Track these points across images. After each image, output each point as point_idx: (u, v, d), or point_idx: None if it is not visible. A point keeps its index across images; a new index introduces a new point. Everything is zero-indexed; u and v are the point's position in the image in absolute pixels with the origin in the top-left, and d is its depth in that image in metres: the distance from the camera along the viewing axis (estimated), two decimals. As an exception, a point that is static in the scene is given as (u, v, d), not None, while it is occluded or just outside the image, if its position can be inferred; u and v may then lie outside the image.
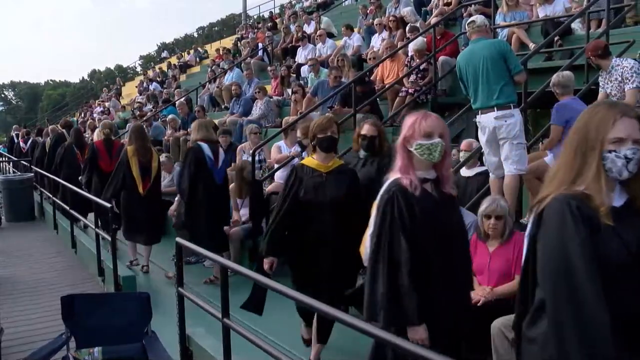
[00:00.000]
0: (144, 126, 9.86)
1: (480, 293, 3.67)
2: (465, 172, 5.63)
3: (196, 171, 6.04)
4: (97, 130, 9.07)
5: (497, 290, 3.66)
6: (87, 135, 12.49)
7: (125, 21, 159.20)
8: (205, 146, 6.16)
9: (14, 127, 21.62)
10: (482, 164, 5.49)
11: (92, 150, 8.06)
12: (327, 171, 3.90)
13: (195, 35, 65.87)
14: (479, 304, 3.59)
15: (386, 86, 8.49)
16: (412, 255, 2.46)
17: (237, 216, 6.72)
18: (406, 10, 10.49)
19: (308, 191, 3.82)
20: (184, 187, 6.11)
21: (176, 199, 7.36)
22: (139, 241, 6.83)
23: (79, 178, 8.20)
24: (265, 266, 3.82)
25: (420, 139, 2.56)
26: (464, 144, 5.87)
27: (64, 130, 11.47)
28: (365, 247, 2.68)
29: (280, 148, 7.25)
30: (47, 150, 11.18)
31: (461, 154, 5.86)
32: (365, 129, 4.38)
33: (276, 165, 7.08)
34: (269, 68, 12.63)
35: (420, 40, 8.40)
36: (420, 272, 2.47)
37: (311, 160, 3.99)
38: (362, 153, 4.35)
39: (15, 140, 17.65)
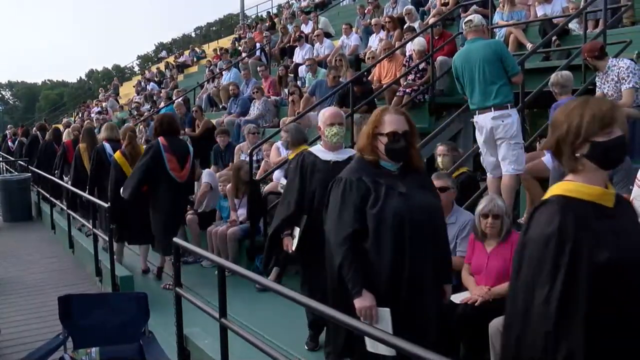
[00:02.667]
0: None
1: (478, 293, 3.67)
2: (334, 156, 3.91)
3: (98, 169, 7.05)
4: (66, 132, 10.72)
5: (495, 290, 3.66)
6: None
7: (123, 21, 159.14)
8: (107, 146, 7.06)
9: (8, 126, 21.87)
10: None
11: (62, 148, 9.67)
12: (614, 205, 1.93)
13: (193, 35, 65.81)
14: (476, 304, 3.59)
15: (384, 86, 8.50)
16: None
17: (234, 216, 6.72)
18: (409, 8, 10.48)
19: (606, 246, 1.79)
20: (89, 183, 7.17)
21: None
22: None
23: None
24: None
25: None
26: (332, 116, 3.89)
27: (38, 133, 13.30)
28: None
29: (279, 149, 7.23)
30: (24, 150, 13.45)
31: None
32: (390, 120, 2.73)
33: (274, 166, 7.07)
34: (258, 68, 12.41)
35: (422, 39, 8.41)
36: None
37: (579, 186, 1.90)
38: (390, 165, 2.76)
39: (5, 139, 17.87)
